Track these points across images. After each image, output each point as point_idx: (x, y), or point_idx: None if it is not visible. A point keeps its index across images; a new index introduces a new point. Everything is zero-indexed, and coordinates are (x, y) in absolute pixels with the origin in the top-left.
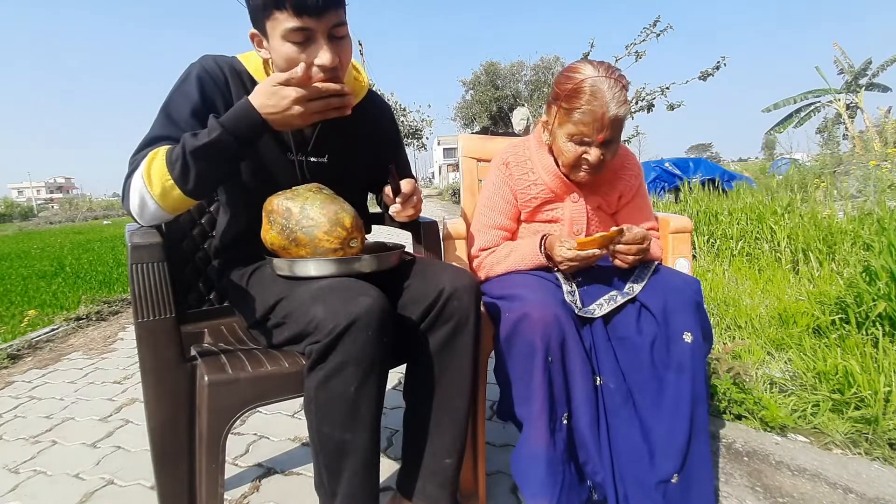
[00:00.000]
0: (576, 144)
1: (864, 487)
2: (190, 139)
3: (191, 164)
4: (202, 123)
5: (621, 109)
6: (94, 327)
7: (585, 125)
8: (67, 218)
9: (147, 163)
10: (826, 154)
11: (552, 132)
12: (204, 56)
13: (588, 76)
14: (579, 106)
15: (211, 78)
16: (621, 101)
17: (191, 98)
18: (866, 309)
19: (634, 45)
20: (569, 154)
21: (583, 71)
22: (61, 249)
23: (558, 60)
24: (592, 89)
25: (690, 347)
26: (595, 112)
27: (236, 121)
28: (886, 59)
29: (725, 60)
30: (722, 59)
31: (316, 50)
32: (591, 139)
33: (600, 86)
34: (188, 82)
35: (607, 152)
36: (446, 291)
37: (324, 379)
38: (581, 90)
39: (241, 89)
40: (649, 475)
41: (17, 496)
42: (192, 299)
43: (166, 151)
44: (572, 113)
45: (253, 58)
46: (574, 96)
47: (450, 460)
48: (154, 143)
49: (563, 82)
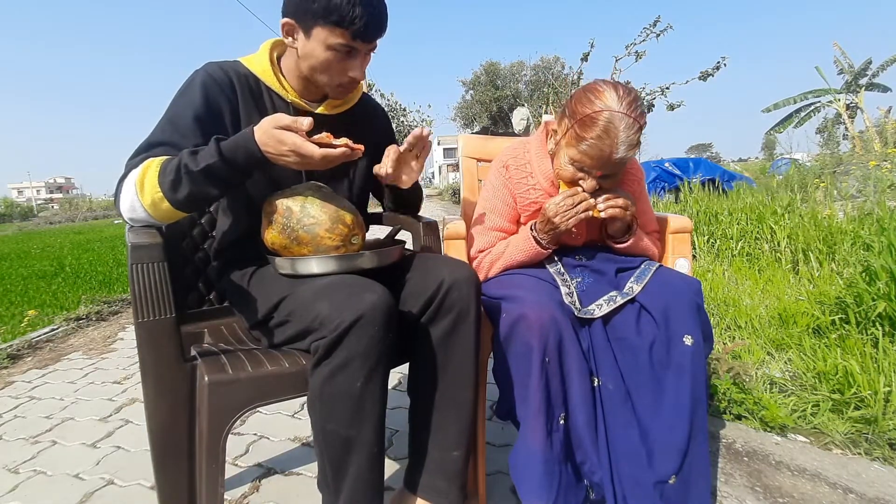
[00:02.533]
0: (575, 169)
1: (864, 487)
2: (188, 158)
3: (183, 183)
4: (204, 130)
5: (630, 152)
6: (94, 327)
7: (590, 158)
8: (67, 218)
9: (141, 171)
10: (826, 154)
11: (557, 143)
12: (208, 63)
13: (607, 108)
14: (588, 137)
15: (216, 83)
16: (633, 143)
17: (194, 104)
18: (866, 309)
19: (634, 45)
20: (565, 175)
21: (605, 99)
22: (61, 249)
23: (558, 60)
24: (607, 126)
25: (691, 350)
26: (602, 151)
27: (235, 150)
28: (886, 59)
29: (725, 60)
30: (722, 60)
31: (352, 64)
32: (589, 171)
33: (616, 124)
34: (192, 88)
35: (604, 184)
36: (446, 283)
37: (329, 375)
38: (596, 123)
39: (247, 92)
40: (647, 475)
41: (17, 496)
42: (192, 299)
43: (161, 164)
44: (581, 142)
45: (257, 60)
46: (587, 125)
47: (457, 453)
48: (152, 148)
49: (583, 103)
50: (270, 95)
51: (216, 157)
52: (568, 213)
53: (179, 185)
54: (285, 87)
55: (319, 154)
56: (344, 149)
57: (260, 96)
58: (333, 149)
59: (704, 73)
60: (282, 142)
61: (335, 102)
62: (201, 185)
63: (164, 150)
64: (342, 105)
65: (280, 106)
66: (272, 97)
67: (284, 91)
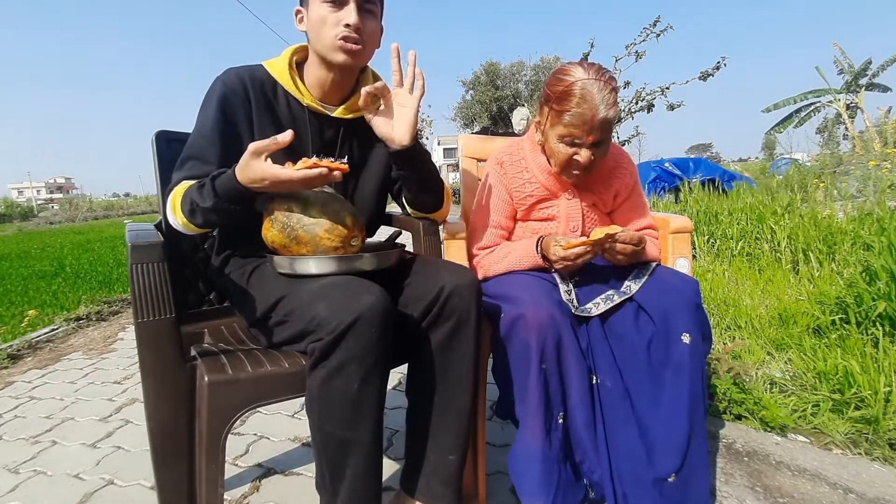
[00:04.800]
0: (567, 146)
1: (864, 487)
2: (195, 194)
3: (196, 214)
4: (224, 140)
5: (610, 112)
6: (94, 327)
7: (576, 127)
8: (67, 218)
9: (173, 196)
10: (826, 154)
11: (544, 133)
12: (226, 71)
13: (578, 78)
14: (569, 108)
15: (232, 94)
16: (610, 103)
17: (213, 117)
18: (866, 309)
19: (634, 45)
20: (560, 155)
21: (573, 73)
22: (61, 249)
23: (558, 60)
24: (582, 92)
25: (689, 348)
26: (584, 115)
27: (227, 190)
28: (886, 59)
29: (725, 60)
30: (722, 60)
31: (347, 12)
32: (581, 141)
33: (590, 88)
34: (210, 101)
35: (598, 153)
36: (447, 289)
37: (326, 377)
38: (571, 93)
39: (261, 98)
40: (647, 473)
41: (17, 496)
42: (192, 299)
43: (184, 192)
44: (563, 115)
45: (277, 64)
46: (564, 98)
47: (454, 457)
48: (185, 163)
49: (554, 84)
50: (287, 99)
51: (213, 197)
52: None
53: (195, 214)
54: (301, 90)
55: (298, 177)
56: (323, 170)
57: (276, 100)
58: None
59: (704, 73)
60: (257, 174)
61: (353, 105)
62: (210, 217)
63: (193, 164)
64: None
65: (296, 108)
66: (289, 100)
67: (300, 94)
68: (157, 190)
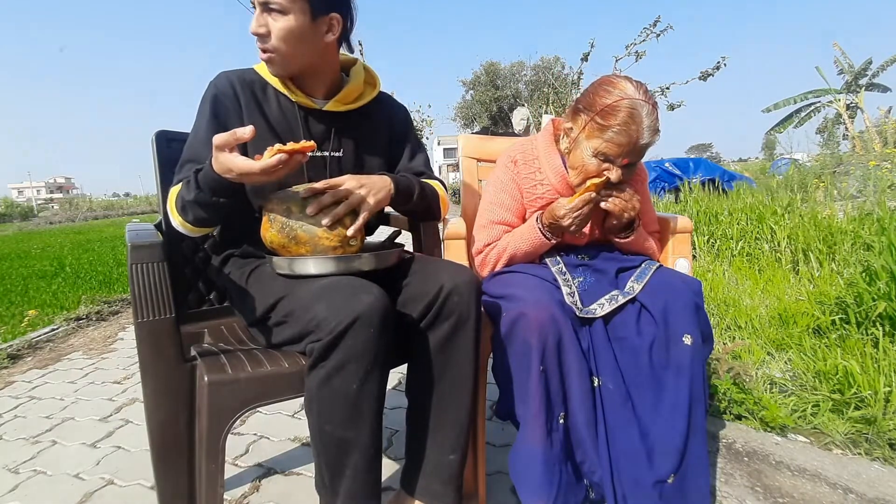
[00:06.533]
0: (599, 161)
1: (864, 487)
2: (184, 189)
3: (187, 210)
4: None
5: (654, 138)
6: (94, 327)
7: (617, 146)
8: (67, 218)
9: (171, 197)
10: (826, 154)
11: (574, 140)
12: (218, 75)
13: (628, 96)
14: (613, 125)
15: (223, 97)
16: (655, 129)
17: (207, 120)
18: (866, 309)
19: (634, 45)
20: (590, 168)
21: (623, 89)
22: (61, 249)
23: (558, 60)
24: (632, 112)
25: (690, 349)
26: (631, 136)
27: (207, 183)
28: (886, 59)
29: (726, 60)
30: (722, 60)
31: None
32: (615, 160)
33: (639, 110)
34: (204, 105)
35: (627, 173)
36: (446, 288)
37: (325, 377)
38: (619, 109)
39: (251, 99)
40: (647, 475)
41: (17, 496)
42: (192, 299)
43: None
44: (605, 130)
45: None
46: (611, 113)
47: (454, 456)
48: (184, 165)
49: (601, 95)
50: (277, 97)
51: (196, 189)
52: (578, 215)
53: (186, 211)
54: (290, 88)
55: (258, 168)
56: (282, 156)
57: (266, 99)
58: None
59: (704, 73)
60: (225, 166)
61: (344, 99)
62: (198, 211)
63: (190, 166)
64: (353, 102)
65: (286, 106)
66: (279, 98)
67: (290, 92)
68: (157, 190)
